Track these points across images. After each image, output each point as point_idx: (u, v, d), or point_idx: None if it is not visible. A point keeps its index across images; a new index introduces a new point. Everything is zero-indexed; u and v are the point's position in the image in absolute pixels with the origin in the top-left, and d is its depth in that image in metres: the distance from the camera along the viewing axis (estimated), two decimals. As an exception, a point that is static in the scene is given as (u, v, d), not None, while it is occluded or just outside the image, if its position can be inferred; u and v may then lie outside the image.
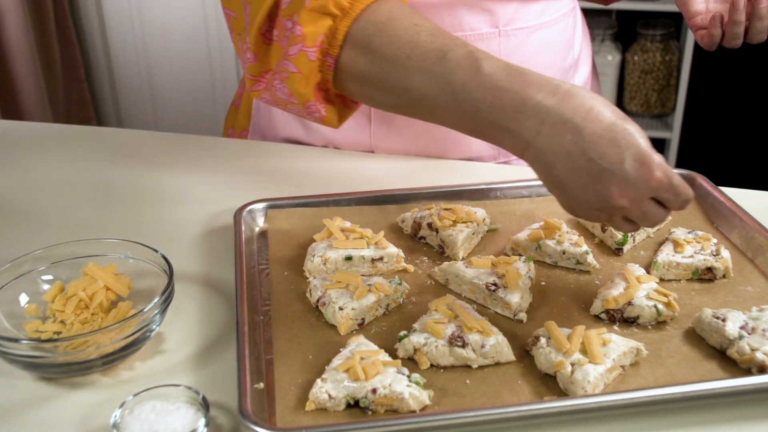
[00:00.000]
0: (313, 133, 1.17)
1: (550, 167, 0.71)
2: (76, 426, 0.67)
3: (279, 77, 0.85)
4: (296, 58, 0.83)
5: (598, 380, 0.67)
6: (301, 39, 0.82)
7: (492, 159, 1.13)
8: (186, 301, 0.83)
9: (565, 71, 1.15)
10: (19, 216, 1.01)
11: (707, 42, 0.98)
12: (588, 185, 0.70)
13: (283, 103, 0.89)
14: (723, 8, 1.00)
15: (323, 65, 0.83)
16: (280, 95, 0.87)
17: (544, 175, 0.73)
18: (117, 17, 2.84)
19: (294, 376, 0.70)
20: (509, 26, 1.04)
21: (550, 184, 0.73)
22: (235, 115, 1.29)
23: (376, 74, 0.80)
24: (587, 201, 0.71)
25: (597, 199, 0.70)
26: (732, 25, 0.95)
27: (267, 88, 0.89)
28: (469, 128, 0.77)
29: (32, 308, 0.77)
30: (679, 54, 2.57)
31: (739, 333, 0.72)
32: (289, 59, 0.83)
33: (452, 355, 0.71)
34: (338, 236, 0.87)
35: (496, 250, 0.91)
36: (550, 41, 1.10)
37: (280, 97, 0.88)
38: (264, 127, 1.22)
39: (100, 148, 1.20)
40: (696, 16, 1.01)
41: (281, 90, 0.87)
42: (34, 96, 2.57)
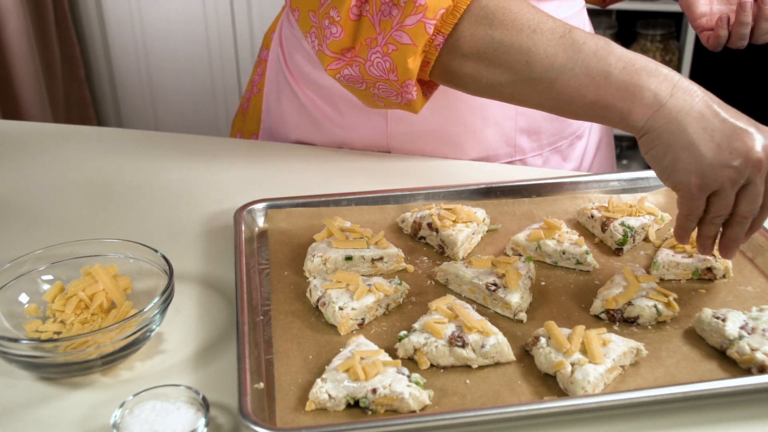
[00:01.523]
0: (326, 135, 1.16)
1: (683, 127, 0.74)
2: (76, 426, 0.67)
3: (382, 50, 0.82)
4: (413, 30, 0.80)
5: (598, 380, 0.67)
6: (423, 9, 0.79)
7: (507, 157, 1.13)
8: (186, 301, 0.83)
9: None
10: (19, 216, 1.01)
11: (713, 43, 0.99)
12: (723, 143, 0.73)
13: (371, 81, 0.85)
14: (727, 9, 1.01)
15: (431, 43, 0.81)
16: (373, 71, 0.84)
17: (673, 137, 0.74)
18: (117, 17, 2.84)
19: (294, 376, 0.70)
20: None
21: (678, 147, 0.74)
22: (243, 120, 1.28)
23: (495, 49, 0.79)
24: (721, 160, 0.73)
25: (733, 156, 0.73)
26: (739, 26, 0.96)
27: (350, 65, 0.85)
28: (591, 97, 0.77)
29: (32, 308, 0.77)
30: (679, 54, 2.57)
31: (739, 333, 0.72)
32: (403, 29, 0.80)
33: (452, 355, 0.71)
34: (338, 236, 0.87)
35: (496, 250, 0.91)
36: None
37: (372, 73, 0.84)
38: (275, 130, 1.22)
39: (100, 148, 1.21)
40: (701, 17, 1.02)
41: (379, 65, 0.83)
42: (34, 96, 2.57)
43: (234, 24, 2.77)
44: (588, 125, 1.22)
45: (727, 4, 1.01)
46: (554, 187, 1.00)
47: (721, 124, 0.74)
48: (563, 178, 1.01)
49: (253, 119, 1.25)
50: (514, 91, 0.81)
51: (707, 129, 0.74)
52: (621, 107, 0.75)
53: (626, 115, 0.75)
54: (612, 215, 0.91)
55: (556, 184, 1.00)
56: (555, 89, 0.78)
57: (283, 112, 1.19)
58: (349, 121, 1.13)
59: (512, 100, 0.83)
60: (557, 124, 1.14)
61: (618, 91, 0.75)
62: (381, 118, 1.11)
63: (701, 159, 0.73)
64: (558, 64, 0.77)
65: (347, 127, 1.14)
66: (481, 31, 0.79)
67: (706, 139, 0.73)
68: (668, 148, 0.74)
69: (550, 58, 0.77)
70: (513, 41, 0.78)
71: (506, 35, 0.78)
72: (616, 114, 0.76)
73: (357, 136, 1.14)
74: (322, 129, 1.16)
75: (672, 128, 0.74)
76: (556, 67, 0.77)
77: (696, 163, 0.73)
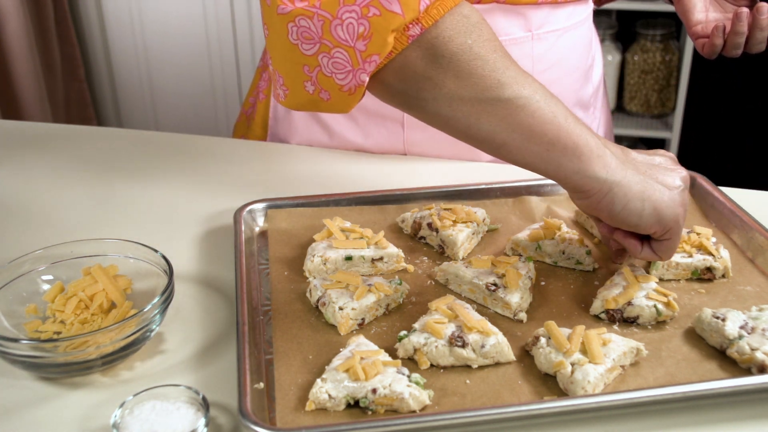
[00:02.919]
0: (340, 142, 1.16)
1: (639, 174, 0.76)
2: (76, 426, 0.67)
3: (360, 11, 0.72)
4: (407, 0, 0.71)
5: (598, 380, 0.67)
6: None
7: None
8: (186, 301, 0.83)
9: (587, 70, 1.17)
10: (19, 216, 1.01)
11: (708, 51, 1.00)
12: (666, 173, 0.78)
13: (328, 45, 0.74)
14: (722, 18, 1.02)
15: (405, 31, 0.73)
16: (339, 33, 0.73)
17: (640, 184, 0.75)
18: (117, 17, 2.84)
19: (294, 376, 0.70)
20: (541, 29, 1.05)
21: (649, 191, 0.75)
22: (248, 125, 1.28)
23: (471, 59, 0.73)
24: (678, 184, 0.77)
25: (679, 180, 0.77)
26: (734, 36, 0.97)
27: (312, 16, 0.73)
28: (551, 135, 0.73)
29: (32, 308, 0.77)
30: (679, 54, 2.57)
31: (739, 333, 0.72)
32: None
33: (452, 355, 0.71)
34: (338, 236, 0.87)
35: (496, 250, 0.91)
36: (576, 42, 1.11)
37: (336, 35, 0.73)
38: (283, 137, 1.21)
39: (100, 148, 1.21)
40: (697, 25, 1.03)
41: (350, 27, 0.73)
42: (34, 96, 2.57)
43: (234, 24, 2.77)
44: (594, 126, 1.22)
45: (723, 12, 1.03)
46: (554, 187, 1.00)
47: (648, 161, 0.79)
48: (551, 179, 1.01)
49: (259, 125, 1.25)
50: (472, 111, 0.74)
51: (648, 168, 0.77)
52: (580, 154, 0.73)
53: (586, 163, 0.73)
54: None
55: (557, 185, 1.00)
56: (517, 118, 0.73)
57: (293, 119, 1.18)
58: (365, 128, 1.13)
59: (462, 123, 0.75)
60: None
61: (577, 137, 0.73)
62: (397, 125, 1.11)
63: (672, 191, 0.76)
64: (526, 93, 0.73)
65: (362, 134, 1.14)
66: (460, 37, 0.74)
67: (656, 174, 0.76)
68: (641, 195, 0.75)
69: (519, 84, 0.73)
70: (489, 57, 0.74)
71: (483, 49, 0.74)
72: (575, 160, 0.73)
73: (373, 143, 1.14)
74: (334, 135, 1.15)
75: (632, 176, 0.75)
76: (524, 95, 0.73)
77: (670, 197, 0.75)
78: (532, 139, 0.73)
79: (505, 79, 0.73)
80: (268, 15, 0.76)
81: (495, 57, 0.74)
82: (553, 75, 1.09)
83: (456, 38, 0.73)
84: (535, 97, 0.73)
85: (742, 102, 2.51)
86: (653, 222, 0.75)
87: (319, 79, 0.76)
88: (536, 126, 0.73)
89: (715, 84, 2.48)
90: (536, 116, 0.73)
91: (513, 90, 0.73)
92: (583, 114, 1.18)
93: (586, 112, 1.19)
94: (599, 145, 0.74)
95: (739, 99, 2.51)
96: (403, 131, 1.11)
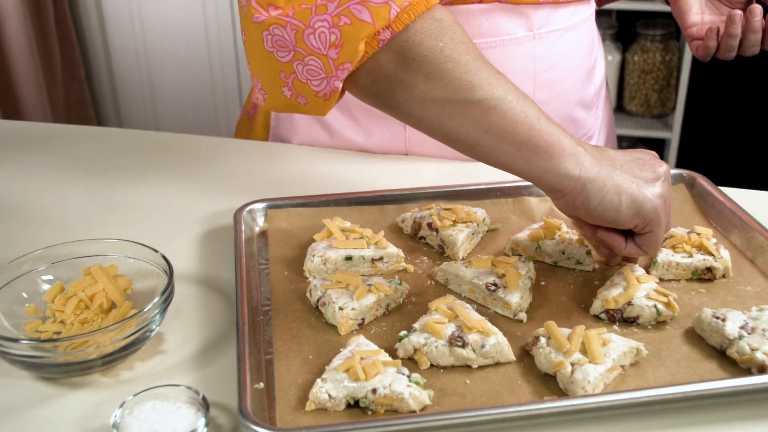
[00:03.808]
0: (341, 141, 1.16)
1: (613, 168, 0.76)
2: (76, 426, 0.67)
3: (331, 20, 0.74)
4: (377, 9, 0.73)
5: (598, 380, 0.67)
6: None
7: None
8: (186, 301, 0.83)
9: (589, 70, 1.17)
10: (19, 216, 1.01)
11: (702, 53, 1.01)
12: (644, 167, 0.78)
13: (302, 53, 0.76)
14: (718, 20, 1.02)
15: (376, 36, 0.75)
16: (312, 41, 0.75)
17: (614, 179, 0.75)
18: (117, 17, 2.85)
19: (294, 376, 0.70)
20: (543, 29, 1.05)
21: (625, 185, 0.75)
22: (249, 125, 1.28)
23: (442, 61, 0.74)
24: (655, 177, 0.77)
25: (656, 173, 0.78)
26: (727, 38, 0.97)
27: (285, 25, 0.75)
28: (523, 135, 0.74)
29: (32, 308, 0.77)
30: (679, 54, 2.57)
31: (739, 333, 0.72)
32: (366, 5, 0.73)
33: (452, 355, 0.71)
34: (338, 236, 0.87)
35: (496, 250, 0.91)
36: (578, 42, 1.11)
37: (309, 44, 0.75)
38: (285, 137, 1.21)
39: (100, 148, 1.21)
40: (692, 26, 1.03)
41: (322, 36, 0.75)
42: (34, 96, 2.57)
43: (234, 24, 2.77)
44: (597, 126, 1.22)
45: (718, 14, 1.03)
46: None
47: (625, 156, 0.79)
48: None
49: (261, 125, 1.25)
50: (444, 112, 0.75)
51: (625, 163, 0.77)
52: (552, 152, 0.74)
53: (558, 162, 0.74)
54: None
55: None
56: (489, 119, 0.74)
57: (294, 119, 1.18)
58: (367, 128, 1.13)
59: (435, 124, 0.77)
60: (571, 126, 1.14)
61: (549, 136, 0.74)
62: (399, 125, 1.10)
63: (648, 183, 0.76)
64: (498, 94, 0.74)
65: (364, 134, 1.14)
66: (431, 40, 0.75)
67: (633, 169, 0.77)
68: (617, 189, 0.75)
69: (491, 85, 0.74)
70: (461, 59, 0.74)
71: (455, 52, 0.75)
72: (547, 159, 0.74)
73: (374, 143, 1.14)
74: (336, 135, 1.15)
75: (606, 172, 0.75)
76: (496, 96, 0.74)
77: (648, 189, 0.75)
78: (504, 140, 0.74)
79: (477, 81, 0.74)
80: (245, 22, 0.78)
81: (467, 59, 0.75)
82: (554, 75, 1.09)
83: (426, 41, 0.75)
84: (507, 98, 0.74)
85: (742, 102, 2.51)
86: (632, 215, 0.75)
87: (295, 85, 0.79)
88: (508, 126, 0.74)
89: (715, 84, 2.48)
90: (508, 117, 0.74)
91: (485, 91, 0.74)
92: (586, 114, 1.18)
93: (588, 112, 1.18)
94: (572, 144, 0.75)
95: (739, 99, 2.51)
96: (404, 131, 1.11)
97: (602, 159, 0.76)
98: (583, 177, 0.74)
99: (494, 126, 0.74)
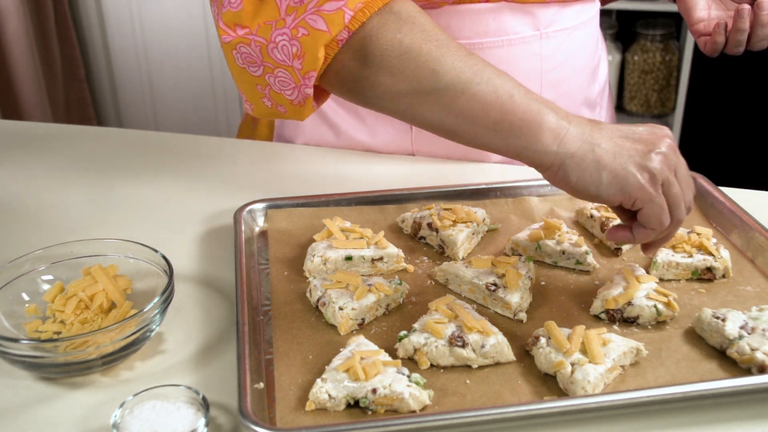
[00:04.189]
0: (347, 141, 1.15)
1: (598, 141, 0.73)
2: (76, 426, 0.67)
3: (290, 33, 0.76)
4: (331, 16, 0.74)
5: (598, 380, 0.67)
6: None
7: None
8: (186, 301, 0.83)
9: (594, 69, 1.17)
10: (19, 216, 1.01)
11: (710, 49, 0.99)
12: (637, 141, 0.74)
13: (270, 66, 0.79)
14: (725, 15, 1.01)
15: (334, 38, 0.76)
16: (276, 54, 0.78)
17: (595, 153, 0.72)
18: (117, 17, 2.84)
19: (294, 376, 0.70)
20: (549, 28, 1.05)
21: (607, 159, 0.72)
22: (253, 126, 1.27)
23: (402, 53, 0.75)
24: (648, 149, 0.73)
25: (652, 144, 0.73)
26: (736, 33, 0.96)
27: (249, 42, 0.78)
28: (495, 116, 0.73)
29: (32, 308, 0.77)
30: (679, 54, 2.57)
31: (739, 333, 0.72)
32: (320, 14, 0.75)
33: (452, 355, 0.71)
34: (338, 236, 0.87)
35: (496, 250, 0.91)
36: (584, 41, 1.11)
37: (275, 57, 0.78)
38: (289, 137, 1.21)
39: (100, 148, 1.21)
40: (699, 22, 1.02)
41: (284, 49, 0.77)
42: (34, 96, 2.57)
43: (234, 24, 2.76)
44: None
45: (725, 10, 1.02)
46: (554, 188, 1.00)
47: (619, 131, 0.74)
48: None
49: (265, 126, 1.25)
50: (414, 102, 0.76)
51: (614, 138, 0.73)
52: (528, 130, 0.73)
53: (535, 139, 0.73)
54: (611, 215, 0.91)
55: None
56: (458, 104, 0.74)
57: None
58: (372, 127, 1.13)
59: (408, 115, 0.78)
60: None
61: (524, 113, 0.73)
62: (405, 124, 1.10)
63: (632, 158, 0.72)
64: (465, 77, 0.73)
65: (370, 133, 1.14)
66: (389, 34, 0.75)
67: (623, 142, 0.73)
68: (597, 164, 0.72)
69: (456, 70, 0.73)
70: (422, 49, 0.74)
71: (415, 42, 0.75)
72: (523, 138, 0.73)
73: (380, 142, 1.13)
74: (341, 134, 1.15)
75: (588, 147, 0.72)
76: (463, 80, 0.73)
77: (632, 162, 0.72)
78: (477, 122, 0.74)
79: (440, 68, 0.74)
80: (220, 42, 0.80)
81: (428, 48, 0.74)
82: (561, 74, 1.09)
83: (384, 35, 0.75)
84: (474, 80, 0.73)
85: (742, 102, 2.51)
86: (615, 191, 0.72)
87: (272, 95, 0.82)
88: (478, 109, 0.73)
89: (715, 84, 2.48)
90: (476, 99, 0.73)
91: (449, 77, 0.74)
92: (590, 113, 1.18)
93: (592, 111, 1.18)
94: (554, 118, 0.73)
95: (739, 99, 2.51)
96: (411, 131, 1.11)
97: (593, 132, 0.74)
98: (561, 152, 0.72)
99: (465, 110, 0.74)
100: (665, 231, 0.75)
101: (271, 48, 0.78)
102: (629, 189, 0.72)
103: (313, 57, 0.76)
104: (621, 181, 0.72)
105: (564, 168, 0.73)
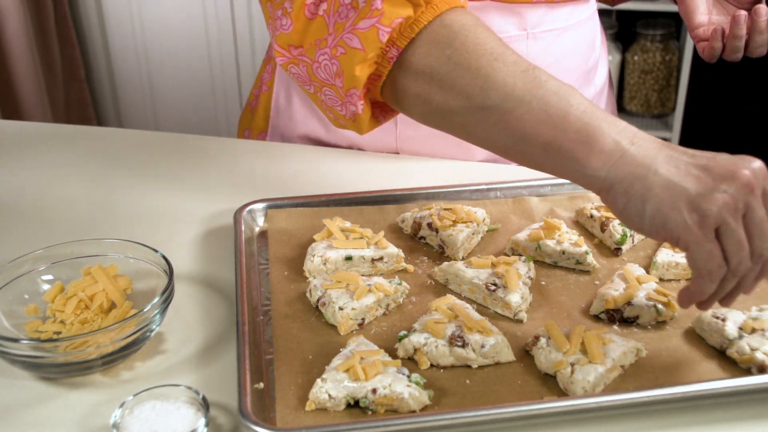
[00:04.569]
0: (336, 135, 1.16)
1: (653, 169, 0.66)
2: (76, 426, 0.67)
3: (330, 52, 0.77)
4: (365, 34, 0.75)
5: (598, 380, 0.67)
6: (378, 14, 0.74)
7: None
8: (186, 301, 0.83)
9: (587, 73, 1.16)
10: (19, 216, 1.01)
11: (708, 54, 0.99)
12: (702, 174, 0.65)
13: (318, 85, 0.80)
14: (725, 21, 1.01)
15: (385, 54, 0.76)
16: (321, 73, 0.79)
17: (646, 182, 0.66)
18: (117, 17, 2.84)
19: (294, 376, 0.70)
20: (537, 29, 1.05)
21: (656, 190, 0.65)
22: (251, 117, 1.28)
23: (451, 70, 0.73)
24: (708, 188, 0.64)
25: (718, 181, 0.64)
26: (732, 39, 0.95)
27: (297, 63, 0.80)
28: (546, 137, 0.69)
29: (32, 308, 0.77)
30: (679, 54, 2.57)
31: (739, 333, 0.72)
32: (355, 33, 0.75)
33: (452, 355, 0.71)
34: (338, 236, 0.87)
35: (496, 250, 0.91)
36: (575, 43, 1.11)
37: (319, 76, 0.79)
38: (284, 128, 1.21)
39: (100, 148, 1.20)
40: (699, 27, 1.01)
41: (326, 68, 0.78)
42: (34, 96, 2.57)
43: (234, 24, 2.77)
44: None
45: (725, 15, 1.01)
46: (554, 188, 1.00)
47: (692, 159, 0.66)
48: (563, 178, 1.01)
49: (262, 117, 1.25)
50: (465, 120, 0.74)
51: (680, 166, 0.66)
52: (578, 152, 0.68)
53: (584, 162, 0.68)
54: (611, 215, 0.91)
55: (556, 185, 1.00)
56: (508, 122, 0.71)
57: (293, 111, 1.19)
58: None
59: (461, 132, 0.76)
60: None
61: (576, 134, 0.68)
62: (391, 122, 1.10)
63: (686, 192, 0.64)
64: (515, 95, 0.70)
65: None
66: (438, 50, 0.73)
67: (683, 174, 0.65)
68: (644, 194, 0.65)
69: (507, 87, 0.71)
70: (471, 65, 0.72)
71: (464, 58, 0.73)
72: (573, 160, 0.68)
73: (366, 138, 1.14)
74: (330, 129, 1.16)
75: (641, 173, 0.66)
76: (513, 98, 0.70)
77: (683, 198, 0.64)
78: (527, 142, 0.71)
79: (489, 85, 0.72)
80: None
81: (479, 63, 0.72)
82: None
83: (433, 52, 0.74)
84: (525, 98, 0.70)
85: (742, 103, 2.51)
86: (658, 226, 0.65)
87: (331, 110, 0.84)
88: (528, 129, 0.70)
89: (715, 84, 2.48)
90: (526, 118, 0.70)
91: (498, 95, 0.71)
92: None
93: None
94: (609, 140, 0.67)
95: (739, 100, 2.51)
96: (395, 128, 1.11)
97: (657, 157, 0.66)
98: (610, 177, 0.67)
99: (515, 129, 0.71)
100: (727, 285, 0.67)
101: (315, 68, 0.79)
102: (671, 227, 0.65)
103: (350, 75, 0.76)
104: (663, 218, 0.65)
105: (612, 193, 0.68)
